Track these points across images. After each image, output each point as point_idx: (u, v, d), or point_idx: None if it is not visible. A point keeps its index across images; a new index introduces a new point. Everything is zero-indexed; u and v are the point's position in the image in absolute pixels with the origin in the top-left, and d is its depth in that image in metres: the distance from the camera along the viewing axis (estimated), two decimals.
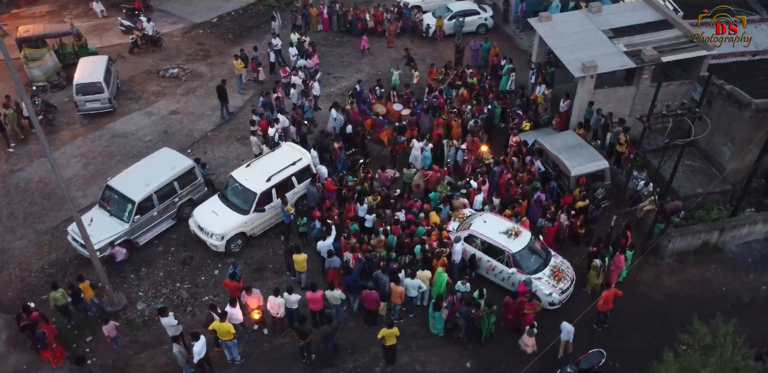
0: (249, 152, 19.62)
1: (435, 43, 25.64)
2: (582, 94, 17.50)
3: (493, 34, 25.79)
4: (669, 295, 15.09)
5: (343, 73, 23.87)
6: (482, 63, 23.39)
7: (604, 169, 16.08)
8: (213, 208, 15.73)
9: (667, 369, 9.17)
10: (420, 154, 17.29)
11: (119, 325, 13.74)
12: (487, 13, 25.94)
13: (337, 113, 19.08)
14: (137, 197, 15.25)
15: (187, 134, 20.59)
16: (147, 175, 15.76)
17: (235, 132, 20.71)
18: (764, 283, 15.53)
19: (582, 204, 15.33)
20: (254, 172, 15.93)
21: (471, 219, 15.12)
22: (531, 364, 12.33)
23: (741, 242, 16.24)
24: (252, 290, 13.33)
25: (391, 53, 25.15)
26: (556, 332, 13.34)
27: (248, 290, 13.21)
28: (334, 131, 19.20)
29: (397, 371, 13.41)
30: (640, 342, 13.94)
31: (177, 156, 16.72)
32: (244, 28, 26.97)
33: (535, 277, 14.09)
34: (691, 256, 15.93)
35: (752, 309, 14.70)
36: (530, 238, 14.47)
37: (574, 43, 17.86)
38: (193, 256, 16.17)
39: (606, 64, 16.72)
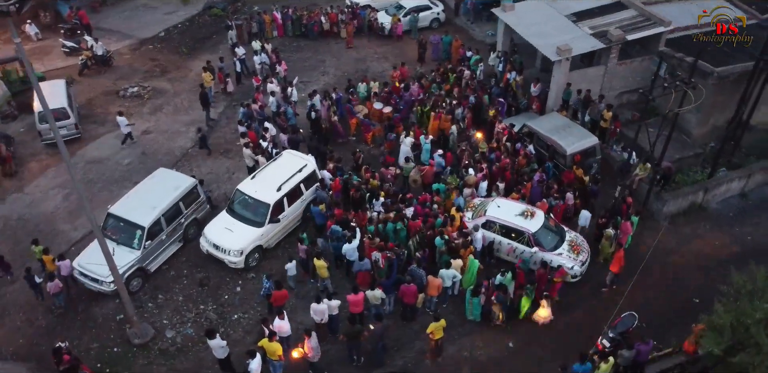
0: (237, 165, 19.27)
1: (393, 40, 25.99)
2: (558, 76, 18.42)
3: (446, 27, 26.45)
4: (671, 254, 16.20)
5: (310, 77, 23.76)
6: (444, 56, 23.96)
7: (595, 145, 17.05)
8: (225, 224, 15.36)
9: (724, 319, 10.00)
10: (409, 150, 17.56)
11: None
12: (439, 7, 26.57)
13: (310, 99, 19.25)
14: (146, 221, 14.66)
15: (167, 153, 19.88)
16: (150, 198, 15.16)
17: (217, 146, 20.22)
18: (748, 234, 17.00)
19: (583, 179, 16.19)
20: (262, 183, 15.69)
21: (484, 206, 15.61)
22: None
23: (720, 199, 17.69)
24: (284, 314, 13.08)
25: (352, 54, 25.28)
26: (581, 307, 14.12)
27: (280, 314, 12.96)
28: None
29: (446, 361, 13.71)
30: (658, 300, 14.93)
31: (177, 175, 16.18)
32: (196, 40, 26.23)
33: (556, 253, 14.78)
34: (682, 217, 17.19)
35: (745, 258, 16.07)
36: (545, 217, 15.15)
37: (542, 29, 18.75)
38: (209, 276, 15.73)
39: (578, 47, 17.70)
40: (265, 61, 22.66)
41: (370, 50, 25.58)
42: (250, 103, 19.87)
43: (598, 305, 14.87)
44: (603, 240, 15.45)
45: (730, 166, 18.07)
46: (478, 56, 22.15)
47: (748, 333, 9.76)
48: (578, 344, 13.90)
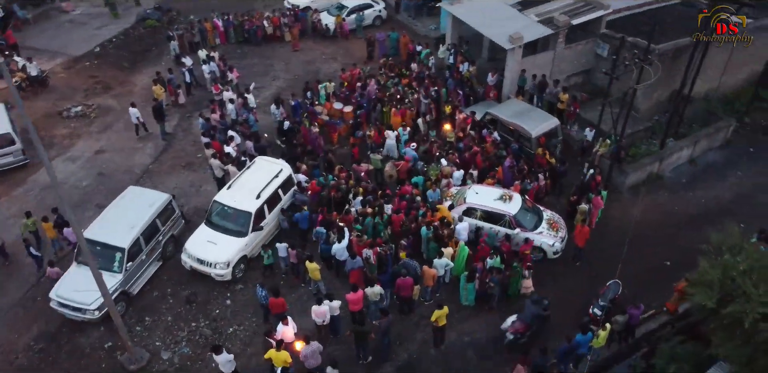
0: (202, 178, 18.83)
1: (339, 40, 26.04)
2: (512, 64, 19.06)
3: (389, 24, 26.78)
4: (639, 222, 17.12)
5: (262, 82, 23.47)
6: (392, 52, 24.23)
7: (556, 127, 17.80)
8: (206, 238, 14.99)
9: (711, 275, 10.75)
10: (395, 143, 17.75)
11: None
12: (380, 5, 26.84)
13: (275, 108, 18.93)
14: (125, 243, 14.09)
15: (126, 171, 19.14)
16: (125, 218, 14.57)
17: (178, 160, 19.67)
18: (701, 197, 18.20)
19: (551, 160, 16.87)
20: (239, 192, 15.40)
21: (462, 194, 15.99)
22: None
23: (672, 168, 18.87)
24: (288, 319, 12.95)
25: (300, 57, 25.14)
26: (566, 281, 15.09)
27: (284, 319, 12.81)
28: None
29: (449, 348, 13.96)
30: (634, 267, 15.72)
31: (149, 192, 15.63)
32: (135, 54, 25.34)
33: (537, 232, 15.35)
34: (641, 187, 18.21)
35: (703, 219, 17.27)
36: (522, 199, 15.69)
37: (491, 19, 19.34)
38: (196, 292, 15.31)
39: (529, 34, 18.39)
40: (214, 70, 22.18)
41: (318, 52, 25.53)
42: (209, 113, 19.39)
43: (581, 277, 15.56)
44: (577, 215, 16.15)
45: (677, 136, 19.28)
46: (428, 50, 22.56)
47: (734, 285, 10.55)
48: (570, 316, 14.55)
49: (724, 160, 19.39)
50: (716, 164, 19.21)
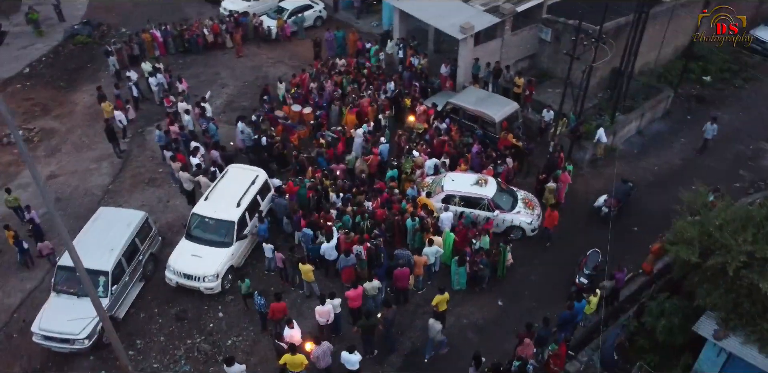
0: (169, 193, 18.30)
1: (282, 43, 25.83)
2: (465, 53, 19.61)
3: (330, 23, 26.79)
4: (601, 193, 18.03)
5: (209, 87, 22.96)
6: (339, 51, 24.30)
7: (516, 110, 18.48)
8: (190, 252, 14.61)
9: (690, 232, 11.59)
10: (362, 141, 17.87)
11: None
12: (320, 5, 26.81)
13: (243, 126, 18.61)
14: (107, 266, 13.54)
15: (86, 194, 18.31)
16: (103, 240, 13.98)
17: (139, 176, 18.99)
18: (653, 165, 19.37)
19: (517, 143, 17.54)
20: (218, 202, 15.10)
21: (438, 182, 16.35)
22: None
23: (624, 140, 20.00)
24: (293, 322, 12.85)
25: (245, 63, 24.77)
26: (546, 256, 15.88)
27: (290, 323, 12.71)
28: (244, 144, 18.70)
29: (450, 331, 14.25)
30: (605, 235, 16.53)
31: (122, 211, 15.07)
32: (69, 72, 24.15)
33: (515, 212, 15.94)
34: (598, 161, 19.22)
35: (660, 185, 18.45)
36: (497, 182, 16.23)
37: (439, 11, 19.81)
38: (185, 308, 14.90)
39: (479, 23, 18.97)
40: (162, 82, 21.52)
41: (263, 56, 25.23)
42: (166, 126, 18.82)
43: (560, 251, 16.28)
44: (546, 194, 16.88)
45: (623, 110, 20.43)
46: (376, 46, 22.80)
47: (712, 239, 11.42)
48: (558, 288, 15.26)
49: (668, 128, 20.75)
50: (661, 133, 20.53)
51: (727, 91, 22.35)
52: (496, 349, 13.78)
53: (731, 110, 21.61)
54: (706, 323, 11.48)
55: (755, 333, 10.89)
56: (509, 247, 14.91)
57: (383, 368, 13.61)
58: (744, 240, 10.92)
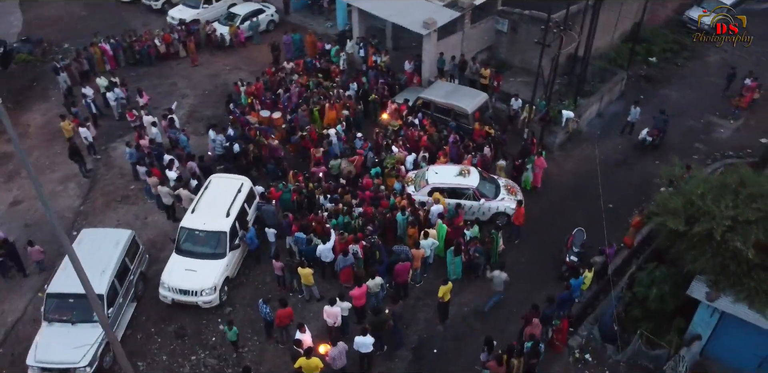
0: (145, 209, 17.78)
1: (237, 49, 25.46)
2: (429, 48, 19.94)
3: (283, 27, 26.61)
4: (573, 174, 18.83)
5: (170, 102, 22.35)
6: (297, 54, 24.18)
7: (486, 100, 18.96)
8: (183, 267, 14.27)
9: (675, 203, 12.29)
10: (338, 141, 17.88)
11: None
12: (271, 9, 26.55)
13: (215, 134, 18.29)
14: (101, 289, 13.01)
15: (56, 218, 17.45)
16: (92, 262, 13.36)
17: (110, 195, 18.35)
18: (617, 144, 20.29)
19: (491, 131, 18.04)
20: (206, 213, 14.81)
21: (422, 176, 16.60)
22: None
23: (586, 123, 20.88)
24: (305, 326, 12.78)
25: (201, 71, 24.27)
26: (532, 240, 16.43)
27: (301, 327, 12.65)
28: (215, 152, 18.39)
29: (454, 320, 14.57)
30: (583, 214, 17.29)
31: (107, 231, 14.55)
32: (15, 92, 22.95)
33: (499, 199, 16.39)
34: (567, 144, 20.00)
35: (626, 162, 19.38)
36: (478, 171, 16.64)
37: (399, 9, 20.04)
38: (183, 325, 14.55)
39: (441, 18, 19.32)
40: (120, 96, 20.82)
41: (219, 64, 24.79)
42: (135, 143, 18.26)
43: (544, 233, 16.83)
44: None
45: (583, 94, 21.30)
46: (336, 47, 22.83)
47: (695, 207, 12.17)
48: (549, 269, 15.82)
49: (624, 109, 21.74)
50: (618, 114, 21.49)
51: (671, 70, 23.70)
52: (500, 333, 14.16)
53: (678, 88, 22.93)
54: (698, 286, 12.22)
55: (743, 292, 11.68)
56: (500, 233, 15.33)
57: (394, 363, 13.75)
58: (726, 206, 11.70)
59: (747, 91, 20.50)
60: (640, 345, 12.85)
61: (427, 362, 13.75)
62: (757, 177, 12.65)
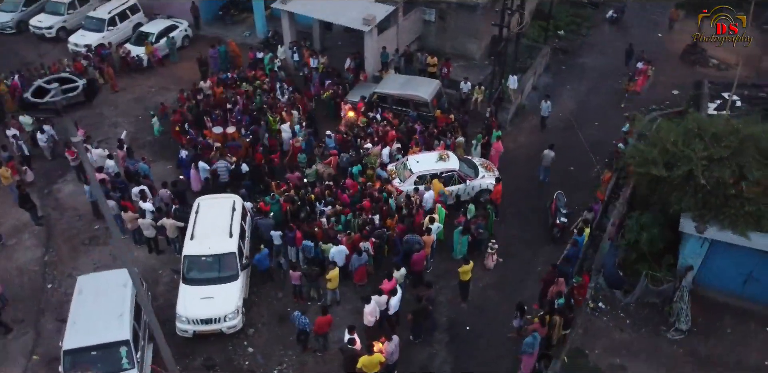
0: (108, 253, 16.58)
1: (157, 70, 24.25)
2: (371, 43, 20.29)
3: (199, 41, 25.73)
4: (531, 146, 20.12)
5: (105, 133, 20.98)
6: (223, 67, 23.51)
7: (440, 87, 19.68)
8: (198, 296, 13.63)
9: (652, 153, 13.68)
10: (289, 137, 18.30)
11: None
12: (184, 24, 25.50)
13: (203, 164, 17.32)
14: (125, 334, 12.16)
15: (20, 273, 15.96)
16: (104, 309, 12.48)
17: (75, 239, 17.00)
18: (558, 112, 21.70)
19: (453, 117, 18.81)
20: (207, 237, 14.21)
21: (404, 167, 17.00)
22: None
23: (526, 96, 22.28)
24: (354, 328, 12.79)
25: (126, 96, 22.89)
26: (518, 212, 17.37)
27: (351, 329, 12.66)
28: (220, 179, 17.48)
29: (474, 296, 15.17)
30: (553, 180, 18.57)
31: (108, 275, 13.50)
32: None
33: (480, 177, 17.19)
34: (515, 119, 21.29)
35: (571, 128, 20.99)
36: (455, 154, 17.32)
37: (333, 9, 20.17)
38: (208, 356, 13.92)
39: (379, 14, 19.71)
40: (52, 134, 19.19)
41: (142, 86, 23.50)
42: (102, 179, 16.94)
43: (525, 203, 17.90)
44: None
45: (516, 71, 22.70)
46: (270, 54, 22.50)
47: (670, 154, 13.67)
48: (540, 233, 16.88)
49: (553, 80, 23.54)
50: (550, 85, 23.22)
51: (580, 41, 25.88)
52: (519, 299, 14.97)
53: (591, 55, 25.11)
54: (686, 223, 13.75)
55: (726, 220, 13.33)
56: (491, 207, 16.16)
57: (434, 348, 14.11)
58: (698, 148, 13.27)
59: (639, 74, 21.41)
60: (647, 284, 14.20)
61: (463, 340, 14.25)
62: (709, 120, 14.41)
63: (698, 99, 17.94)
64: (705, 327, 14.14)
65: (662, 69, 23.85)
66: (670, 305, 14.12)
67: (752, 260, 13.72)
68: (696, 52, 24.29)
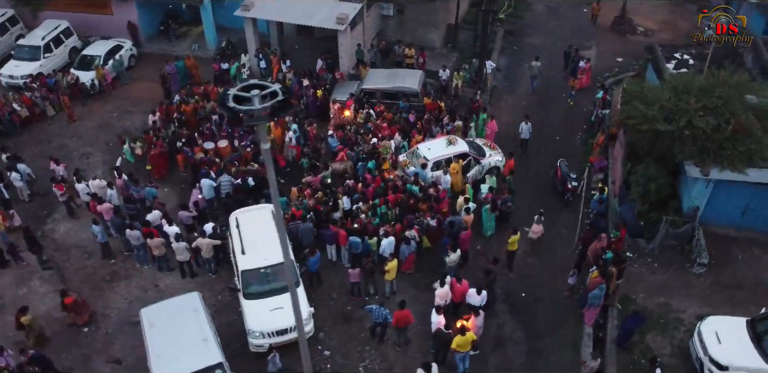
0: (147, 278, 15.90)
1: (109, 93, 22.90)
2: (345, 42, 20.48)
3: (145, 59, 24.61)
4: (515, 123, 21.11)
5: (78, 164, 19.55)
6: (184, 83, 22.70)
7: (423, 76, 20.28)
8: (267, 308, 13.34)
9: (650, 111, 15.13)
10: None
11: None
12: (129, 43, 24.21)
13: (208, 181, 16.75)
14: (216, 357, 11.90)
15: (48, 323, 14.68)
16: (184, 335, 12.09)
17: (93, 277, 15.98)
18: (526, 88, 23.06)
19: (443, 105, 19.54)
20: (260, 249, 13.90)
21: (417, 154, 17.51)
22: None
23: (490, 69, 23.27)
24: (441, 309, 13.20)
25: (87, 125, 21.47)
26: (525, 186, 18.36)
27: (439, 310, 13.08)
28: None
29: (518, 266, 16.00)
30: (546, 148, 19.81)
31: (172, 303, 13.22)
32: None
33: (488, 156, 18.05)
34: (491, 100, 22.31)
35: (546, 98, 22.31)
36: (459, 138, 18.06)
37: (301, 12, 20.14)
38: (288, 367, 13.55)
39: (350, 12, 19.94)
40: (28, 172, 17.73)
41: (100, 113, 22.15)
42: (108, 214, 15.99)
43: (527, 175, 18.98)
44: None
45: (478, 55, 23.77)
46: (237, 63, 22.03)
47: (666, 110, 15.25)
48: (554, 199, 17.98)
49: (509, 60, 24.93)
50: (509, 65, 24.57)
51: (521, 22, 27.49)
52: (561, 259, 16.03)
53: (535, 35, 26.76)
54: (691, 169, 15.41)
55: (725, 161, 15.09)
56: (511, 178, 17.13)
57: (499, 318, 14.80)
58: (693, 101, 14.94)
59: (582, 73, 22.15)
60: (667, 228, 15.74)
61: (524, 305, 15.05)
62: (683, 77, 16.23)
63: (655, 61, 19.88)
64: (720, 258, 15.91)
65: (599, 41, 26.08)
66: (690, 244, 15.74)
67: (748, 193, 15.63)
68: (624, 22, 26.71)
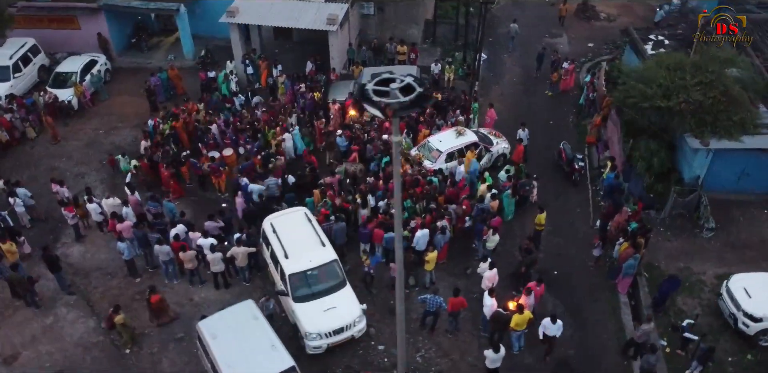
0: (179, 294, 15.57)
1: (90, 111, 22.09)
2: (337, 42, 20.54)
3: (120, 74, 23.88)
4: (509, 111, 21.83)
5: (74, 184, 18.74)
6: (167, 95, 22.22)
7: (419, 71, 20.60)
8: (320, 309, 13.28)
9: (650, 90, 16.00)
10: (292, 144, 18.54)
11: None
12: (102, 57, 23.36)
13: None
14: (288, 361, 11.76)
15: (85, 350, 14.17)
16: (250, 344, 11.91)
17: (120, 299, 15.26)
18: (512, 77, 23.63)
19: (439, 96, 19.97)
20: (302, 252, 13.85)
21: (429, 147, 17.85)
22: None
23: (484, 61, 23.87)
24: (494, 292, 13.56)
25: (75, 145, 20.64)
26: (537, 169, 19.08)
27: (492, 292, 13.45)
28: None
29: (545, 245, 16.57)
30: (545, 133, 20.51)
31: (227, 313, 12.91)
32: None
33: (496, 144, 18.60)
34: (480, 90, 22.81)
35: (536, 82, 23.17)
36: (466, 128, 18.52)
37: (288, 15, 20.06)
38: (347, 365, 13.71)
39: (339, 13, 20.00)
40: (28, 196, 16.92)
41: (85, 131, 21.37)
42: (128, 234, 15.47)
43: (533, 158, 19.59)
44: None
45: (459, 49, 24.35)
46: (224, 71, 21.70)
47: (663, 87, 16.17)
48: (561, 180, 18.67)
49: (488, 51, 25.58)
50: (492, 56, 25.17)
51: (495, 11, 28.12)
52: (582, 235, 16.71)
53: (508, 25, 27.53)
54: (692, 141, 16.41)
55: (721, 131, 16.17)
56: (523, 165, 17.73)
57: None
58: (687, 77, 15.94)
59: (566, 74, 21.97)
60: (675, 198, 16.72)
61: (556, 283, 15.60)
62: (674, 56, 17.29)
63: (634, 43, 20.98)
64: (724, 222, 17.03)
65: (567, 28, 27.21)
66: (697, 211, 16.79)
67: (744, 159, 16.81)
68: (587, 9, 27.94)
